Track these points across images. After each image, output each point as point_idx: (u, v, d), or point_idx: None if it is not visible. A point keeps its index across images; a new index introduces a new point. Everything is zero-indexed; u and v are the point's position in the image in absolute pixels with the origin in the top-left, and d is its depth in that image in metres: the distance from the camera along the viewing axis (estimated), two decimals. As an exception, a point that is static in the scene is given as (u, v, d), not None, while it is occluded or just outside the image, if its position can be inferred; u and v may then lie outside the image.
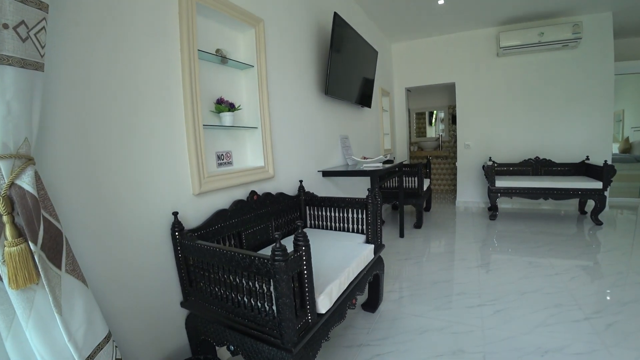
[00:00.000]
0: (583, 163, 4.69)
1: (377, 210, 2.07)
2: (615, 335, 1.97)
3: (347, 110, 3.63)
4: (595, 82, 4.87)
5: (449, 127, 6.89)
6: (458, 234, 4.05)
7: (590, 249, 3.46)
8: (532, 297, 2.44)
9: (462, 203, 5.59)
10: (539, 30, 4.63)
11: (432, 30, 5.20)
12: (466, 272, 2.93)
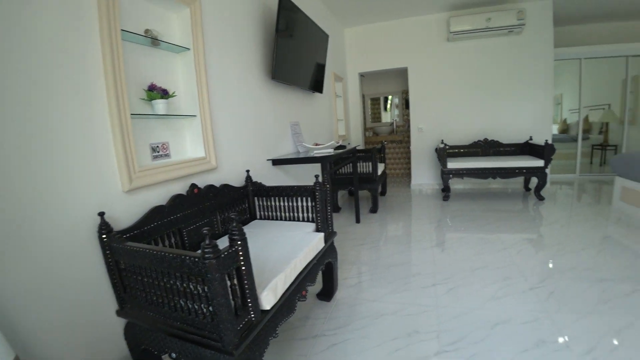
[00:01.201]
0: (527, 143, 4.95)
1: (326, 197, 2.01)
2: (557, 302, 2.09)
3: (298, 95, 3.52)
4: (538, 67, 5.14)
5: (402, 111, 7.00)
6: (413, 216, 4.13)
7: (534, 223, 3.67)
8: (483, 272, 2.52)
9: (417, 186, 5.73)
10: (487, 16, 4.77)
11: (384, 15, 5.19)
12: (421, 253, 2.98)
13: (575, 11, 5.41)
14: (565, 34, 6.10)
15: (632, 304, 2.05)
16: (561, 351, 1.67)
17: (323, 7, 4.51)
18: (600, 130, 6.70)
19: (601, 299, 2.10)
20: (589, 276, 2.40)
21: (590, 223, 3.58)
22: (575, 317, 1.93)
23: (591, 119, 6.69)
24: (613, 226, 3.49)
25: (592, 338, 1.75)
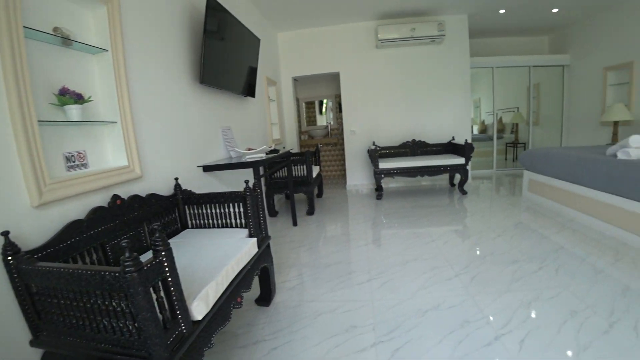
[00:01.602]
0: (450, 143, 5.39)
1: (258, 202, 2.01)
2: (478, 285, 2.31)
3: (229, 100, 3.46)
4: (457, 73, 5.68)
5: (336, 115, 7.19)
6: (349, 216, 4.26)
7: (458, 216, 4.00)
8: (413, 265, 2.70)
9: (352, 186, 5.94)
10: (411, 26, 5.15)
11: (316, 21, 5.32)
12: (357, 251, 3.09)
13: (486, 26, 6.11)
14: (480, 45, 6.83)
15: (538, 279, 2.36)
16: (483, 328, 1.86)
17: (256, 11, 4.49)
18: (511, 130, 7.51)
19: (514, 278, 2.38)
20: (504, 259, 2.70)
21: (505, 212, 4.00)
22: (494, 297, 2.16)
23: (504, 120, 7.49)
24: (523, 214, 3.94)
25: (508, 313, 1.97)
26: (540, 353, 1.65)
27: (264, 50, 4.55)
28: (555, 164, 3.90)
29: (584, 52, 6.25)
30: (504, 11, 5.42)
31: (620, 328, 1.81)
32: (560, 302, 2.06)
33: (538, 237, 3.18)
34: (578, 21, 6.21)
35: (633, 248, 2.83)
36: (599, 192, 3.28)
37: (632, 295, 2.14)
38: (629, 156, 3.17)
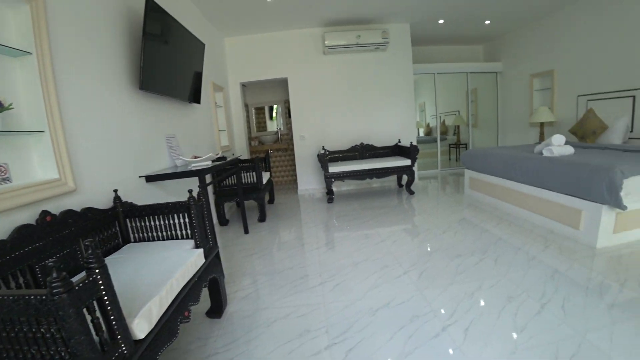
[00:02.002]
0: (396, 145, 5.61)
1: (203, 212, 1.95)
2: (426, 280, 2.42)
3: (173, 106, 3.33)
4: (401, 79, 5.94)
5: (286, 120, 7.19)
6: (301, 221, 4.26)
7: (406, 215, 4.15)
8: (364, 265, 2.76)
9: (303, 191, 5.96)
10: (357, 33, 5.29)
11: (264, 27, 5.29)
12: (309, 255, 3.10)
13: (427, 35, 6.49)
14: (422, 52, 7.22)
15: (479, 270, 2.52)
16: (430, 321, 1.94)
17: (200, 15, 4.38)
18: (454, 132, 7.96)
19: (458, 271, 2.52)
20: (449, 254, 2.85)
21: (449, 210, 4.22)
22: (440, 290, 2.27)
23: (447, 123, 7.93)
24: (466, 210, 4.18)
25: (453, 304, 2.09)
26: (483, 339, 1.76)
27: (209, 55, 4.44)
28: (491, 163, 4.19)
29: (514, 61, 6.83)
30: (443, 21, 5.77)
31: (550, 308, 1.99)
32: (499, 290, 2.22)
33: (479, 231, 3.39)
34: (508, 33, 6.78)
35: (559, 235, 3.13)
36: (529, 187, 3.57)
37: (560, 277, 2.36)
38: (552, 153, 3.52)
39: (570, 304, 2.04)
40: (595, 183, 2.73)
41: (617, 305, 2.02)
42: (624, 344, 1.67)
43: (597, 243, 2.82)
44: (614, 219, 2.81)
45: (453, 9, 5.16)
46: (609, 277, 2.35)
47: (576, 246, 2.89)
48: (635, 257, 2.65)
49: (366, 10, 4.95)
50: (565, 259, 2.66)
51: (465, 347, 1.71)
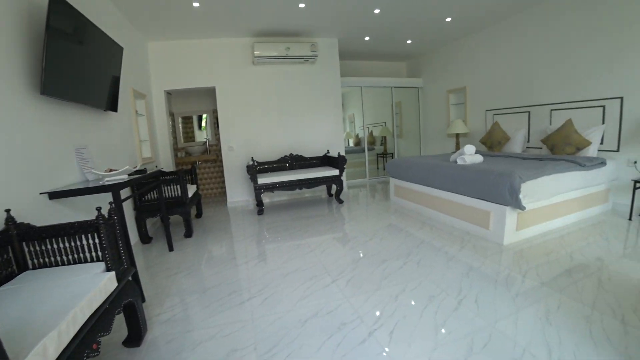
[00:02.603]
0: (325, 156, 5.73)
1: (116, 230, 1.79)
2: (353, 287, 2.46)
3: (85, 114, 3.03)
4: (329, 91, 6.11)
5: (215, 130, 6.96)
6: (230, 235, 4.11)
7: (335, 224, 4.23)
8: (293, 276, 2.73)
9: (233, 203, 5.79)
10: (286, 45, 5.33)
11: (191, 33, 5.09)
12: (237, 270, 2.99)
13: (355, 50, 6.81)
14: (350, 66, 7.54)
15: (403, 274, 2.64)
16: (357, 327, 1.97)
17: (121, 16, 4.07)
18: (381, 142, 8.35)
19: (383, 276, 2.61)
20: (376, 260, 2.95)
21: (377, 217, 4.39)
22: (366, 296, 2.32)
23: (375, 133, 8.29)
24: (392, 216, 4.38)
25: (379, 308, 2.15)
26: (407, 339, 1.83)
27: (130, 60, 4.16)
28: (413, 171, 4.47)
29: (433, 77, 7.44)
30: (369, 38, 6.08)
31: (466, 303, 2.15)
32: (422, 291, 2.35)
33: (404, 235, 3.57)
34: (427, 52, 7.38)
35: (474, 235, 3.42)
36: (446, 193, 3.87)
37: (474, 274, 2.57)
38: (465, 162, 3.87)
39: (482, 297, 2.22)
40: (500, 187, 3.05)
41: (521, 294, 2.25)
42: (526, 328, 1.88)
43: (504, 240, 3.15)
44: (516, 219, 3.16)
45: (377, 28, 5.47)
46: (513, 269, 2.62)
47: (487, 244, 3.18)
48: (534, 250, 2.99)
49: (295, 23, 5.02)
50: (479, 256, 2.91)
51: (391, 349, 1.77)
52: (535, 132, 5.00)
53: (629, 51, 3.86)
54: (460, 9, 4.85)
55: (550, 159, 3.90)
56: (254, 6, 4.29)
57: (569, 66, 4.54)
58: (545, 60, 4.86)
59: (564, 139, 4.22)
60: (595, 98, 4.27)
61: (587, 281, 2.39)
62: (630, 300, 2.13)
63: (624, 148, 4.03)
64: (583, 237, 3.26)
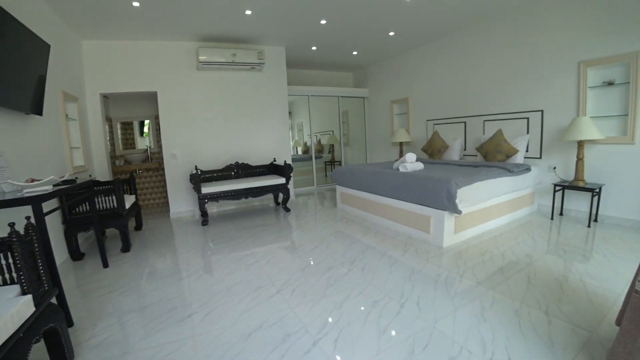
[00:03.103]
0: (272, 164, 5.68)
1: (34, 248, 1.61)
2: (298, 296, 2.44)
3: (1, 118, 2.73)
4: (276, 100, 6.09)
5: (157, 137, 6.62)
6: (172, 247, 3.89)
7: (282, 233, 4.18)
8: (237, 288, 2.64)
9: (176, 214, 5.52)
10: (233, 52, 5.24)
11: (131, 34, 4.79)
12: (179, 284, 2.83)
13: (302, 59, 6.88)
14: (298, 75, 7.60)
15: (348, 280, 2.66)
16: (302, 337, 1.94)
17: (48, 9, 3.71)
18: (329, 150, 8.45)
19: (329, 284, 2.62)
20: (321, 268, 2.95)
21: (323, 224, 4.42)
22: (311, 305, 2.31)
23: (323, 142, 8.39)
24: (338, 223, 4.43)
25: (324, 317, 2.14)
26: (351, 346, 1.84)
27: (59, 58, 3.85)
28: (357, 179, 4.57)
29: (378, 88, 7.71)
30: (316, 48, 6.16)
31: (408, 306, 2.22)
32: (366, 297, 2.38)
33: (350, 242, 3.62)
34: (372, 63, 7.65)
35: (416, 239, 3.56)
36: (390, 199, 3.99)
37: (416, 277, 2.67)
38: (406, 169, 4.03)
39: (424, 299, 2.31)
40: (438, 193, 3.21)
41: (458, 294, 2.37)
42: (463, 326, 1.98)
43: (443, 243, 3.30)
44: (454, 222, 3.34)
45: (324, 38, 5.57)
46: (452, 271, 2.76)
47: (428, 247, 3.32)
48: (471, 251, 3.18)
49: (242, 29, 4.95)
50: (421, 259, 3.03)
51: (335, 357, 1.76)
52: (470, 140, 5.36)
53: (547, 72, 4.34)
54: (401, 25, 5.09)
55: (483, 165, 4.19)
56: (198, 10, 4.16)
57: (499, 82, 4.95)
58: (479, 75, 5.26)
59: (495, 147, 4.56)
60: (520, 111, 4.68)
61: (517, 278, 2.58)
62: (553, 292, 2.33)
63: (545, 155, 4.45)
64: (513, 237, 3.53)
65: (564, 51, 4.13)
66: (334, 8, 4.32)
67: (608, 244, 3.25)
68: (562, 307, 2.13)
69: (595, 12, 3.81)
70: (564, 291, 2.35)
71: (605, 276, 2.55)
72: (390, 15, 4.68)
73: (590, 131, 3.65)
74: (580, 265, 2.79)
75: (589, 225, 3.81)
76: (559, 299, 2.24)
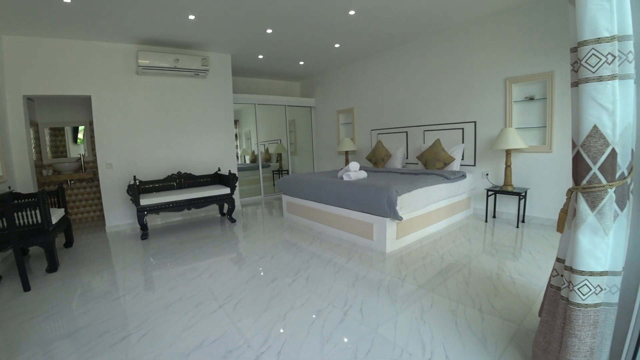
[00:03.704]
0: (216, 174, 5.52)
1: None
2: (241, 310, 2.36)
3: None
4: (221, 108, 5.96)
5: (91, 145, 6.15)
6: (106, 265, 3.58)
7: (226, 245, 4.04)
8: (177, 305, 2.50)
9: (113, 228, 5.12)
10: (175, 57, 5.04)
11: (62, 31, 4.36)
12: (112, 305, 2.61)
13: (249, 67, 6.83)
14: (245, 83, 7.52)
15: (291, 291, 2.64)
16: (245, 353, 1.88)
17: None
18: (277, 159, 8.40)
19: (272, 295, 2.57)
20: (265, 279, 2.89)
21: (269, 234, 4.36)
22: (254, 319, 2.25)
23: (270, 150, 8.32)
24: (285, 233, 4.40)
25: (266, 330, 2.09)
26: (295, 357, 1.81)
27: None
28: (303, 188, 4.58)
29: (324, 98, 7.85)
30: (262, 57, 6.13)
31: (351, 313, 2.24)
32: (309, 306, 2.37)
33: (296, 251, 3.60)
34: (319, 74, 7.78)
35: (360, 246, 3.63)
36: (334, 207, 4.05)
37: (360, 283, 2.71)
38: (350, 178, 4.13)
39: (366, 305, 2.35)
40: (379, 201, 3.30)
41: (400, 298, 2.44)
42: (404, 329, 2.04)
43: (386, 249, 3.40)
44: (395, 228, 3.46)
45: (270, 47, 5.56)
46: (394, 275, 2.84)
47: (372, 254, 3.40)
48: (412, 255, 3.31)
49: (185, 34, 4.79)
50: (364, 266, 3.08)
51: (277, 370, 1.73)
52: (412, 149, 5.62)
53: (479, 87, 4.72)
54: (346, 38, 5.25)
55: (423, 173, 4.40)
56: (138, 12, 3.95)
57: (437, 95, 5.27)
58: (419, 88, 5.56)
59: (434, 156, 4.82)
60: (456, 122, 5.00)
61: (454, 279, 2.72)
62: (486, 290, 2.50)
63: (478, 163, 4.78)
64: (452, 240, 3.73)
65: (493, 68, 4.51)
66: (279, 18, 4.34)
67: (533, 242, 3.56)
68: (494, 304, 2.29)
69: (518, 35, 4.22)
70: (496, 288, 2.52)
71: (531, 272, 2.79)
72: (335, 28, 4.80)
73: (516, 141, 4.00)
74: (510, 263, 3.02)
75: (517, 225, 4.15)
76: (491, 296, 2.40)
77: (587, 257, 1.31)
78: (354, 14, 4.29)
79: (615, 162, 1.25)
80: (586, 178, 1.30)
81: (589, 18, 1.20)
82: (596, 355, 1.36)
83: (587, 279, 1.32)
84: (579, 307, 1.34)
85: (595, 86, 1.22)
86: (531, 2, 4.04)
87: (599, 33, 1.20)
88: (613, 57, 1.19)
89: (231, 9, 4.01)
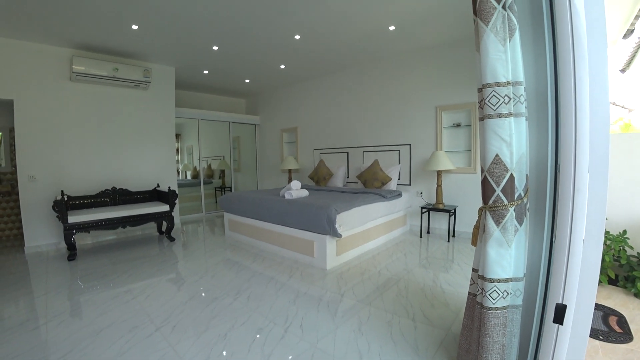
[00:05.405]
0: (155, 190, 5.28)
1: None
2: (179, 332, 2.29)
3: None
4: (162, 121, 5.79)
5: (11, 155, 5.58)
6: (25, 289, 3.20)
7: (165, 265, 3.87)
8: (109, 331, 2.33)
9: (34, 248, 4.61)
10: (114, 65, 4.83)
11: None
12: (32, 334, 2.34)
13: (193, 81, 6.74)
14: (188, 97, 7.38)
15: (232, 310, 2.61)
16: (182, 376, 1.83)
17: None
18: (219, 175, 8.24)
19: (212, 315, 2.53)
20: (205, 299, 2.83)
21: (210, 253, 4.28)
22: (194, 340, 2.19)
23: (213, 167, 8.15)
24: (226, 251, 4.33)
25: (206, 350, 2.06)
26: (233, 377, 1.81)
27: None
28: (244, 206, 4.57)
29: (269, 116, 7.96)
30: (207, 72, 6.09)
31: (292, 330, 2.29)
32: (250, 325, 2.37)
33: (237, 269, 3.57)
34: (264, 92, 7.90)
35: (302, 263, 3.70)
36: (276, 225, 4.09)
37: (301, 300, 2.77)
38: (292, 196, 4.23)
39: (307, 321, 2.40)
40: (319, 219, 3.43)
41: (339, 313, 2.54)
42: (342, 342, 2.13)
43: (327, 265, 3.51)
44: (335, 245, 3.59)
45: (216, 63, 5.57)
46: (334, 291, 2.94)
47: (313, 270, 3.48)
48: (352, 271, 3.44)
49: (127, 43, 4.62)
50: (305, 282, 3.15)
51: (216, 389, 1.71)
52: (353, 169, 5.89)
53: (413, 112, 5.15)
54: (291, 60, 5.44)
55: (362, 192, 4.63)
56: (75, 15, 3.73)
57: (375, 118, 5.64)
58: (359, 111, 5.90)
59: (372, 175, 5.09)
60: (393, 144, 5.36)
61: (391, 292, 2.89)
62: (419, 301, 2.69)
63: (414, 182, 5.15)
64: (389, 255, 3.94)
65: (425, 96, 4.95)
66: (226, 36, 4.39)
67: (462, 254, 3.91)
68: (426, 313, 2.48)
69: (446, 68, 4.73)
70: (427, 298, 2.73)
71: (459, 282, 3.06)
72: (280, 50, 4.95)
73: (445, 163, 4.39)
74: (442, 274, 3.29)
75: (448, 240, 4.52)
76: (424, 306, 2.59)
77: (495, 266, 1.52)
78: (299, 38, 4.48)
79: (514, 185, 1.49)
80: (492, 198, 1.52)
81: (490, 66, 1.45)
82: (507, 351, 1.55)
83: (496, 285, 1.52)
84: (490, 310, 1.53)
85: (496, 122, 1.46)
86: (456, 42, 4.55)
87: (498, 78, 1.45)
88: (509, 98, 1.44)
89: (176, 23, 3.99)
